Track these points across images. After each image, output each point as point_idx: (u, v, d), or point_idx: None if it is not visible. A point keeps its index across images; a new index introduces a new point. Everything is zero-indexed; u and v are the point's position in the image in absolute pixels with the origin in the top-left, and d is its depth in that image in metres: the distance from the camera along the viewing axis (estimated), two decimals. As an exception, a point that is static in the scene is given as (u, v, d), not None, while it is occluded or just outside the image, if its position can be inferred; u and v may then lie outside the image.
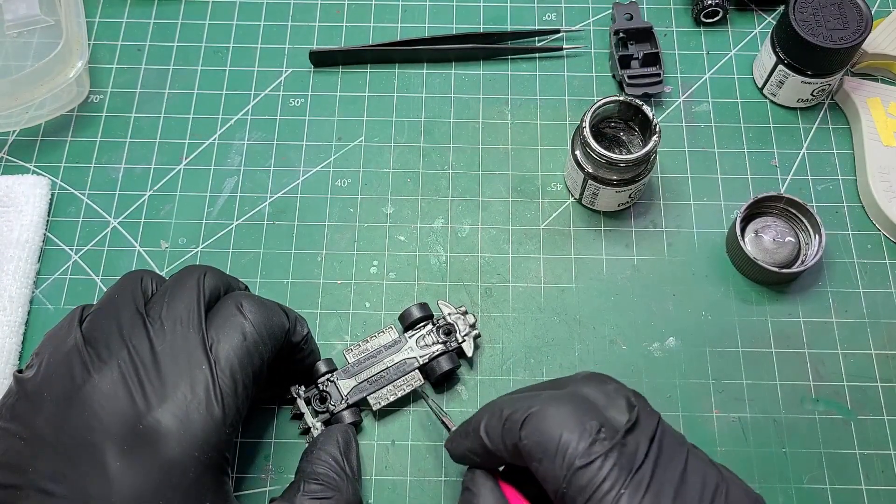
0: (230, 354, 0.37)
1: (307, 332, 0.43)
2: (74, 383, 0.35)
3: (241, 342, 0.37)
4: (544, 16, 0.59)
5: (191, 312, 0.37)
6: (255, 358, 0.38)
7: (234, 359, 0.37)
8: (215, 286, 0.40)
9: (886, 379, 0.47)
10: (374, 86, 0.57)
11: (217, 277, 0.40)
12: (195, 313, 0.37)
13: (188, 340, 0.36)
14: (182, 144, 0.54)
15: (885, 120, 0.53)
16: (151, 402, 0.35)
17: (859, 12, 0.50)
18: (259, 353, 0.38)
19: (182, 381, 0.35)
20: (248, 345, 0.37)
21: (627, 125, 0.51)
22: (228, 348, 0.37)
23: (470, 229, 0.52)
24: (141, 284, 0.39)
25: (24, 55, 0.55)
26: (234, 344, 0.37)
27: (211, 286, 0.39)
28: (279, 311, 0.41)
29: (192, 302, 0.38)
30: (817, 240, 0.49)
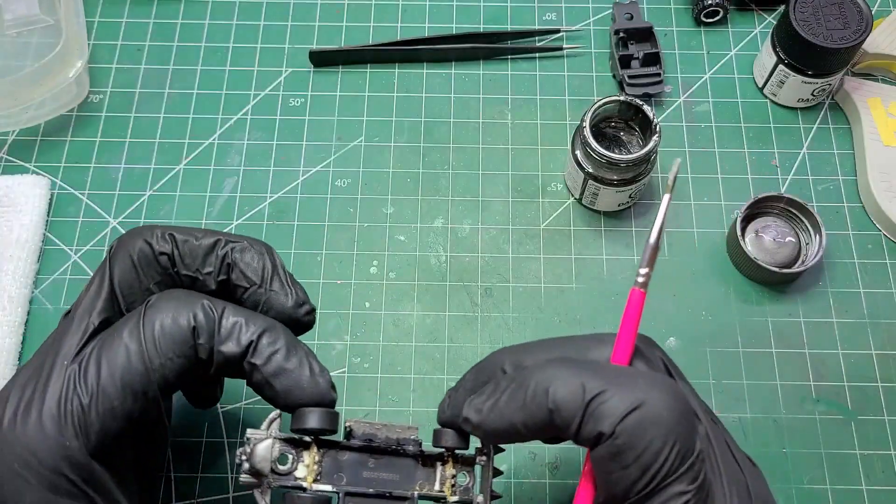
0: (103, 365, 0.31)
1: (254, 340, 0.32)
2: None
3: (123, 354, 0.31)
4: (544, 16, 0.59)
5: (86, 302, 0.33)
6: (137, 375, 0.31)
7: (105, 372, 0.31)
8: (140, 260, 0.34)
9: (887, 379, 0.47)
10: (374, 86, 0.57)
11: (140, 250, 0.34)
12: (90, 303, 0.33)
13: (64, 337, 0.32)
14: (182, 144, 0.54)
15: (886, 120, 0.53)
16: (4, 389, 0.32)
17: (860, 12, 0.50)
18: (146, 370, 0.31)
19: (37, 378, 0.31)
20: (131, 356, 0.31)
21: (628, 125, 0.51)
22: (104, 358, 0.31)
23: (470, 229, 0.52)
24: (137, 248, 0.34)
25: (23, 55, 0.55)
26: (112, 354, 0.31)
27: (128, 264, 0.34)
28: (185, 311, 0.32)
29: (91, 290, 0.34)
30: (818, 240, 0.49)
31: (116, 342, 0.31)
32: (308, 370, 0.32)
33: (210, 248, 0.35)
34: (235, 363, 0.32)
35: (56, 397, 0.30)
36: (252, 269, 0.34)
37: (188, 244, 0.34)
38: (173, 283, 0.35)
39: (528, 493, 0.44)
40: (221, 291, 0.35)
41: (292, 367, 0.32)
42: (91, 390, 0.30)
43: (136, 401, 0.31)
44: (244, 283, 0.34)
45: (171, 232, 0.34)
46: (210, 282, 0.34)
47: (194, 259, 0.34)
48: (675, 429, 0.28)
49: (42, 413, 0.30)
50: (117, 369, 0.31)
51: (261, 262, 0.35)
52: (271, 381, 0.32)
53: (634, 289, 0.32)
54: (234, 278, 0.34)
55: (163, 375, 0.31)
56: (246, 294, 0.35)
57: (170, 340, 0.31)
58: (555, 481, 0.45)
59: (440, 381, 0.47)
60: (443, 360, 0.48)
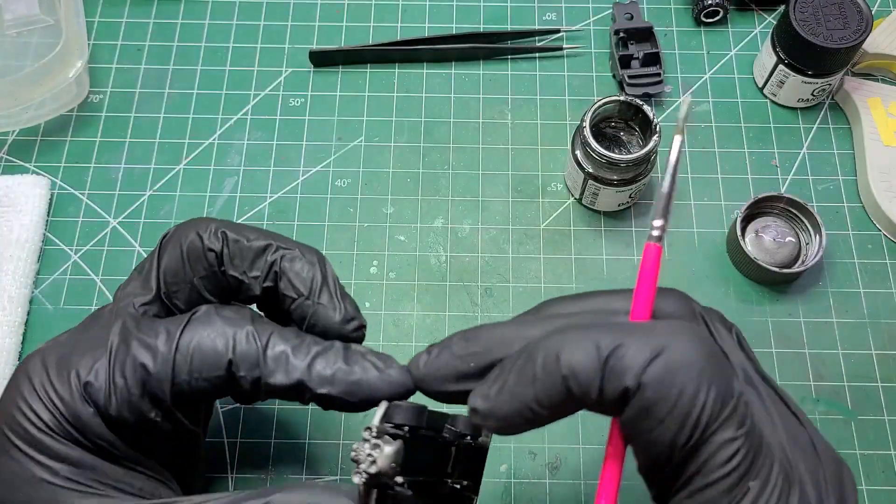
0: (135, 357, 0.31)
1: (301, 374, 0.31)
2: None
3: (151, 357, 0.31)
4: (544, 16, 0.59)
5: (134, 285, 0.34)
6: (157, 382, 0.31)
7: (129, 365, 0.31)
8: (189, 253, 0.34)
9: (887, 379, 0.47)
10: (374, 86, 0.57)
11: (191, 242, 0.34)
12: (137, 286, 0.34)
13: (110, 318, 0.33)
14: (182, 144, 0.54)
15: (886, 120, 0.53)
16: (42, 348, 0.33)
17: (860, 12, 0.50)
18: (167, 379, 0.31)
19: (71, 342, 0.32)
20: (158, 361, 0.31)
21: (628, 125, 0.51)
22: (138, 350, 0.31)
23: (470, 229, 0.52)
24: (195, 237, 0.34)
25: (23, 55, 0.55)
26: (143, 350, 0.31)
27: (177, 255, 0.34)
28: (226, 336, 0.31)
29: (141, 272, 0.34)
30: (818, 240, 0.49)
31: (150, 341, 0.31)
32: (375, 370, 0.31)
33: (260, 251, 0.34)
34: (288, 392, 0.31)
35: (90, 365, 0.30)
36: (301, 279, 0.33)
37: (238, 244, 0.34)
38: (218, 281, 0.34)
39: (528, 493, 0.44)
40: (267, 297, 0.34)
41: (360, 378, 0.31)
42: (115, 378, 0.30)
43: (152, 404, 0.31)
44: (291, 293, 0.33)
45: (224, 229, 0.34)
46: (255, 286, 0.34)
47: (243, 260, 0.34)
48: (707, 369, 0.25)
49: (70, 375, 0.30)
50: (139, 369, 0.30)
51: (311, 272, 0.34)
52: (346, 398, 0.31)
53: (649, 244, 0.29)
54: (282, 287, 0.33)
55: (182, 390, 0.31)
56: (293, 305, 0.33)
57: (200, 362, 0.31)
58: (555, 481, 0.45)
59: (440, 381, 0.47)
60: (443, 360, 0.48)
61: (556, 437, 0.46)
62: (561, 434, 0.46)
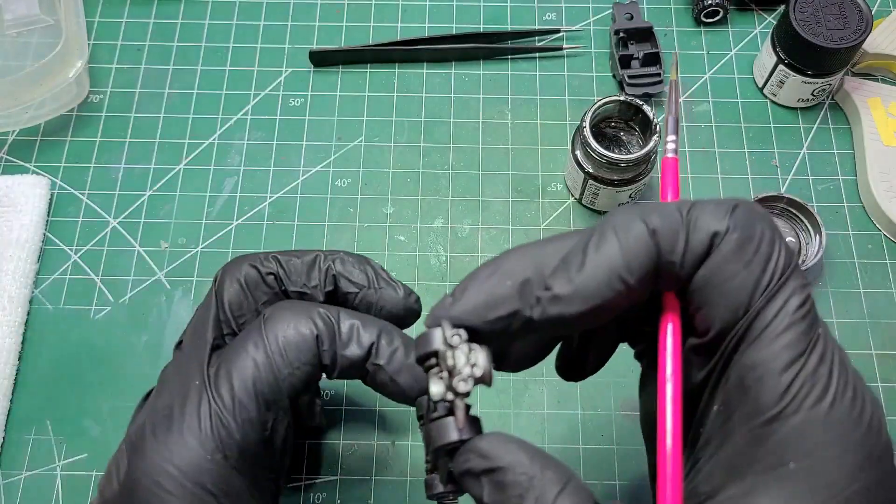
0: (234, 378, 0.32)
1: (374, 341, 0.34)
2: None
3: (251, 366, 0.32)
4: (544, 16, 0.59)
5: (198, 327, 0.35)
6: (268, 385, 0.32)
7: (237, 384, 0.32)
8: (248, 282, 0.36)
9: (887, 379, 0.47)
10: (374, 86, 0.57)
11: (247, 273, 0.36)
12: (202, 328, 0.35)
13: (189, 359, 0.34)
14: (182, 144, 0.54)
15: (886, 120, 0.53)
16: (137, 420, 0.34)
17: (860, 12, 0.50)
18: (275, 379, 0.32)
19: (172, 400, 0.33)
20: (260, 367, 0.32)
21: (627, 125, 0.51)
22: (233, 371, 0.32)
23: (470, 229, 0.52)
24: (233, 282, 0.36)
25: (23, 55, 0.55)
26: (241, 366, 0.32)
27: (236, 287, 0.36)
28: (305, 320, 0.33)
29: (200, 316, 0.36)
30: (818, 240, 0.49)
31: (243, 356, 0.33)
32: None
33: (312, 263, 0.37)
34: (359, 365, 0.34)
35: (195, 413, 0.31)
36: (357, 274, 0.37)
37: (291, 262, 0.36)
38: (281, 301, 0.36)
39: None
40: (329, 302, 0.37)
41: (413, 363, 0.32)
42: (227, 403, 0.32)
43: (270, 409, 0.32)
44: (353, 288, 0.37)
45: (273, 254, 0.37)
46: (318, 294, 0.36)
47: (300, 275, 0.36)
48: (770, 241, 0.26)
49: (183, 429, 0.31)
50: (248, 380, 0.32)
51: (363, 267, 0.37)
52: (396, 377, 0.34)
53: (666, 157, 0.32)
54: (343, 286, 0.37)
55: (291, 383, 0.33)
56: (357, 298, 0.37)
57: (295, 349, 0.33)
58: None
59: (440, 381, 0.47)
60: (443, 360, 0.48)
61: (557, 438, 0.46)
62: (561, 435, 0.46)
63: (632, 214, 0.27)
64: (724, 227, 0.26)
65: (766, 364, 0.26)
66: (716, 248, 0.26)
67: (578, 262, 0.27)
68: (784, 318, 0.26)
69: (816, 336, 0.26)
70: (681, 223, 0.26)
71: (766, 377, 0.25)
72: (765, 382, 0.25)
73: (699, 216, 0.26)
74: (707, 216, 0.26)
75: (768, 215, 0.27)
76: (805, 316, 0.26)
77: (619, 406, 0.46)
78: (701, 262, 0.26)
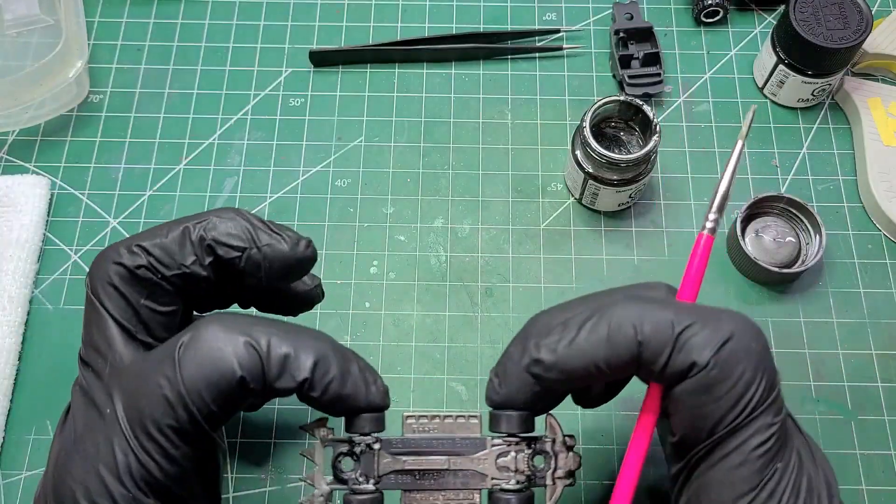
0: (146, 416, 0.29)
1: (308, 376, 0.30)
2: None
3: (164, 404, 0.29)
4: (544, 16, 0.59)
5: (95, 342, 0.32)
6: (186, 422, 0.29)
7: (150, 423, 0.29)
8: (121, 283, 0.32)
9: (887, 379, 0.47)
10: (374, 86, 0.57)
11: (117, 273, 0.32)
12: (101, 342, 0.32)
13: (95, 382, 0.32)
14: (182, 144, 0.54)
15: (886, 120, 0.53)
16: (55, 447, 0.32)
17: (860, 12, 0.50)
18: (185, 410, 0.29)
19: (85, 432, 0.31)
20: (174, 405, 0.29)
21: (627, 125, 0.51)
22: (145, 409, 0.29)
23: (470, 229, 0.52)
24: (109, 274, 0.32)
25: (23, 55, 0.55)
26: (153, 403, 0.29)
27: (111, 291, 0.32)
28: (228, 355, 0.29)
29: (95, 327, 0.32)
30: (818, 240, 0.49)
31: (155, 392, 0.29)
32: (364, 388, 0.31)
33: (181, 238, 0.33)
34: (289, 393, 0.31)
35: (110, 452, 0.29)
36: (234, 236, 0.33)
37: (158, 245, 0.33)
38: (164, 290, 0.33)
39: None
40: (216, 272, 0.33)
41: (349, 393, 0.31)
42: (142, 441, 0.29)
43: (187, 442, 0.30)
44: (234, 252, 0.33)
45: (136, 242, 0.33)
46: (199, 270, 0.33)
47: (172, 256, 0.33)
48: (764, 360, 0.29)
49: (99, 467, 0.29)
50: (163, 420, 0.29)
51: (237, 225, 0.33)
52: (328, 408, 0.31)
53: (702, 234, 0.33)
54: (223, 253, 0.33)
55: (210, 414, 0.30)
56: (242, 262, 0.33)
57: (214, 390, 0.29)
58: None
59: (440, 381, 0.47)
60: (443, 361, 0.48)
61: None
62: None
63: (631, 313, 0.29)
64: (704, 361, 0.28)
65: (720, 490, 0.28)
66: (692, 375, 0.28)
67: (569, 338, 0.30)
68: (742, 453, 0.28)
69: (773, 472, 0.28)
70: (669, 341, 0.28)
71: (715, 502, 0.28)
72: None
73: (688, 341, 0.28)
74: (695, 344, 0.28)
75: (760, 349, 0.29)
76: (763, 454, 0.28)
77: (619, 406, 0.46)
78: (679, 379, 0.29)
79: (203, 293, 0.35)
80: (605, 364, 0.29)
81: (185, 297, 0.34)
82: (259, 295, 0.37)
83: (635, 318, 0.29)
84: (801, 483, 0.29)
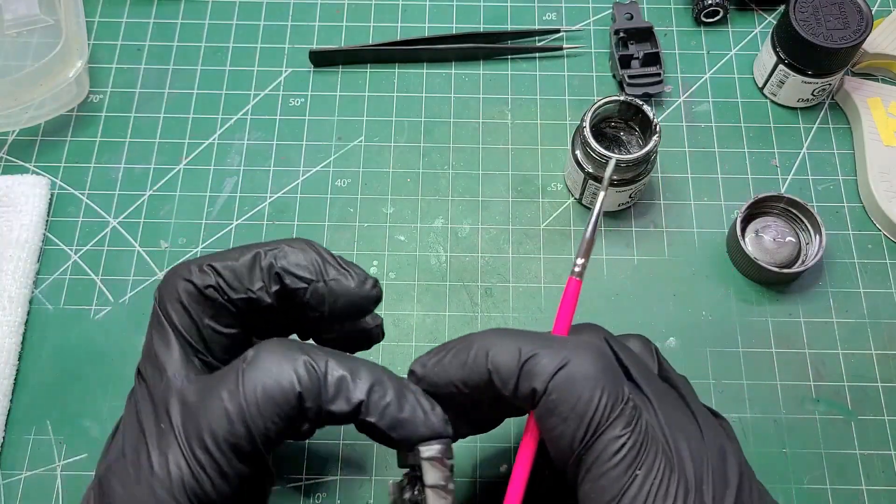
0: (204, 428, 0.30)
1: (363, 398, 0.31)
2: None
3: (223, 416, 0.30)
4: (544, 16, 0.59)
5: (156, 358, 0.32)
6: (241, 438, 0.30)
7: (208, 435, 0.30)
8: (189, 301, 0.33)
9: (887, 379, 0.47)
10: (374, 86, 0.57)
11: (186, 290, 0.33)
12: (163, 358, 0.32)
13: (153, 396, 0.32)
14: (182, 144, 0.54)
15: (886, 120, 0.53)
16: (106, 458, 0.32)
17: (860, 12, 0.50)
18: (243, 425, 0.30)
19: (138, 444, 0.31)
20: (233, 418, 0.30)
21: (627, 125, 0.51)
22: (203, 421, 0.30)
23: (470, 229, 0.52)
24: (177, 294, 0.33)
25: (23, 55, 0.55)
26: (213, 416, 0.30)
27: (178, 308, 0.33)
28: (288, 371, 0.30)
29: (156, 343, 0.33)
30: (818, 240, 0.49)
31: (216, 404, 0.30)
32: (422, 412, 0.32)
33: (251, 263, 0.33)
34: (346, 419, 0.31)
35: (164, 465, 0.30)
36: (302, 267, 0.34)
37: (229, 268, 0.33)
38: (228, 312, 0.34)
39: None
40: (281, 300, 0.34)
41: (407, 417, 0.31)
42: (197, 455, 0.30)
43: (243, 461, 0.30)
44: (300, 283, 0.33)
45: (208, 262, 0.33)
46: (265, 296, 0.33)
47: (241, 280, 0.33)
48: (601, 379, 0.30)
49: (152, 482, 0.29)
50: (220, 431, 0.30)
51: (307, 257, 0.34)
52: (389, 433, 0.31)
53: (571, 278, 0.36)
54: (289, 283, 0.33)
55: (266, 436, 0.30)
56: (307, 294, 0.34)
57: (273, 404, 0.30)
58: (555, 481, 0.45)
59: (440, 381, 0.47)
60: (443, 360, 0.48)
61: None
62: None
63: (488, 343, 0.32)
64: (542, 388, 0.30)
65: (590, 502, 0.30)
66: (538, 402, 0.31)
67: (438, 358, 0.33)
68: (601, 465, 0.30)
69: (632, 478, 0.30)
70: (515, 370, 0.31)
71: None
72: None
73: (531, 369, 0.31)
74: (535, 372, 0.31)
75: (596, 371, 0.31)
76: (618, 464, 0.30)
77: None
78: (532, 403, 0.31)
79: (265, 320, 0.35)
80: (462, 384, 0.32)
81: (248, 321, 0.35)
82: (319, 328, 0.37)
83: (490, 346, 0.32)
84: (668, 488, 0.30)
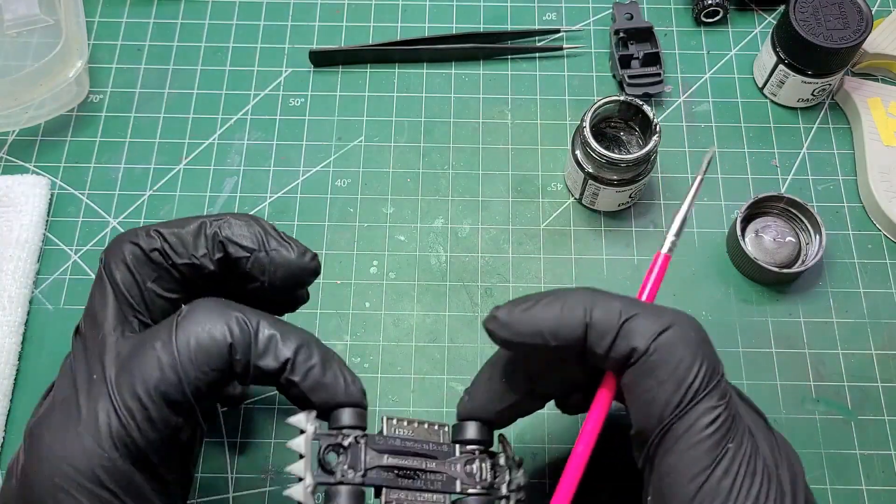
0: (136, 377, 0.30)
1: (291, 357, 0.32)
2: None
3: (155, 365, 0.30)
4: (544, 16, 0.59)
5: (95, 314, 0.33)
6: (171, 386, 0.30)
7: (139, 383, 0.30)
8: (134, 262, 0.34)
9: (887, 379, 0.47)
10: (374, 86, 0.57)
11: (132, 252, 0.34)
12: (101, 315, 0.33)
13: (89, 350, 0.32)
14: (182, 144, 0.54)
15: (886, 120, 0.53)
16: (36, 413, 0.32)
17: (860, 12, 0.50)
18: (174, 373, 0.30)
19: (68, 395, 0.31)
20: (164, 367, 0.30)
21: (627, 125, 0.51)
22: (136, 370, 0.31)
23: (470, 229, 0.52)
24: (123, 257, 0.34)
25: (23, 55, 0.55)
26: (145, 366, 0.31)
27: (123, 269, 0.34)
28: (220, 325, 0.31)
29: (97, 302, 0.34)
30: (818, 240, 0.49)
31: (149, 354, 0.31)
32: (343, 381, 0.33)
33: (197, 231, 0.35)
34: (272, 377, 0.32)
35: (93, 411, 0.30)
36: (245, 237, 0.35)
37: (175, 234, 0.35)
38: (171, 276, 0.35)
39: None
40: (222, 269, 0.35)
41: (329, 382, 0.32)
42: (127, 402, 0.30)
43: (173, 411, 0.31)
44: (243, 252, 0.35)
45: (155, 228, 0.35)
46: (208, 263, 0.35)
47: (185, 246, 0.35)
48: (703, 348, 0.31)
49: (80, 429, 0.30)
50: (151, 380, 0.30)
51: (251, 229, 0.35)
52: (308, 395, 0.32)
53: (660, 252, 0.36)
54: (232, 251, 0.35)
55: (197, 386, 0.31)
56: (248, 263, 0.35)
57: (205, 354, 0.31)
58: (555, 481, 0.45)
59: (440, 381, 0.47)
60: (443, 360, 0.48)
61: (557, 439, 0.46)
62: (559, 436, 0.46)
63: (584, 299, 0.32)
64: (644, 346, 0.30)
65: (676, 474, 0.30)
66: (633, 363, 0.31)
67: (527, 305, 0.33)
68: (693, 434, 0.30)
69: (724, 451, 0.29)
70: (614, 327, 0.31)
71: (674, 486, 0.30)
72: (674, 491, 0.30)
73: (631, 328, 0.31)
74: (636, 331, 0.31)
75: (698, 338, 0.31)
76: (712, 434, 0.29)
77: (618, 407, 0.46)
78: (623, 364, 0.31)
79: (207, 288, 0.36)
80: (551, 335, 0.32)
81: (190, 288, 0.36)
82: (259, 299, 0.38)
83: (588, 301, 0.32)
84: (755, 465, 0.30)
